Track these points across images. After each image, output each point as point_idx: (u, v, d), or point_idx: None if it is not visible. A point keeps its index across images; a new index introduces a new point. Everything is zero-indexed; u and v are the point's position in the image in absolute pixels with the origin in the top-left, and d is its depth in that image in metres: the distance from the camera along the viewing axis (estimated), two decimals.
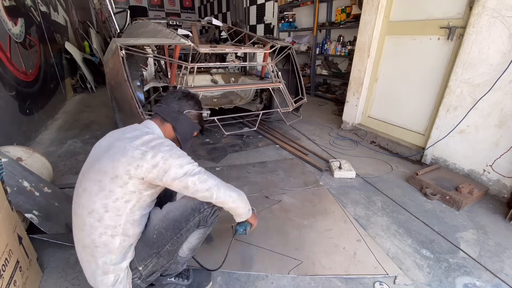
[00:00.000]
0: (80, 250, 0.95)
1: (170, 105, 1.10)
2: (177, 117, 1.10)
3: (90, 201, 0.89)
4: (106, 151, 0.93)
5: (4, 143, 2.12)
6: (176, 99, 1.12)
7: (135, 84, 2.18)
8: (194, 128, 1.17)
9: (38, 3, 3.80)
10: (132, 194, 0.91)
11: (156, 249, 1.00)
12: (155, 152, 0.89)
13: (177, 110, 1.10)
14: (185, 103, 1.12)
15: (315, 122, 3.58)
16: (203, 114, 1.19)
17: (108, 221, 0.89)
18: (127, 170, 0.87)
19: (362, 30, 2.89)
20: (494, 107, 1.93)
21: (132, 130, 1.01)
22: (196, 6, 10.54)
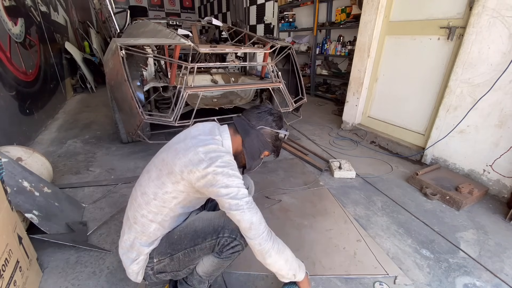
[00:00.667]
0: (125, 217, 1.03)
1: (248, 118, 1.05)
2: (248, 131, 1.03)
3: (146, 184, 0.95)
4: (178, 142, 0.96)
5: (4, 143, 2.11)
6: (256, 113, 1.05)
7: (135, 84, 2.18)
8: (264, 147, 1.06)
9: (38, 3, 3.79)
10: (181, 193, 0.93)
11: (171, 251, 0.99)
12: (209, 163, 0.87)
13: (252, 124, 1.04)
14: (263, 119, 1.04)
15: (315, 122, 3.58)
16: (279, 135, 1.06)
17: (153, 208, 0.94)
18: (181, 171, 0.88)
19: (362, 30, 2.89)
20: (494, 107, 1.93)
21: (207, 132, 0.99)
22: (196, 6, 10.53)
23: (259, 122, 1.04)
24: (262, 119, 1.04)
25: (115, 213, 1.72)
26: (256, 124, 1.04)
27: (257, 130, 1.03)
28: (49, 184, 1.67)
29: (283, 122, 1.10)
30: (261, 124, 1.04)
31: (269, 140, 1.06)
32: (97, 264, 1.35)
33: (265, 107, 1.08)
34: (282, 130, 1.07)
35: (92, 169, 2.27)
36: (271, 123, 1.05)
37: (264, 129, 1.04)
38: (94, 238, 1.52)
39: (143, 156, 2.49)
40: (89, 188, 1.99)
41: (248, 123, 1.04)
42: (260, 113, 1.05)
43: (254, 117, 1.05)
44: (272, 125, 1.05)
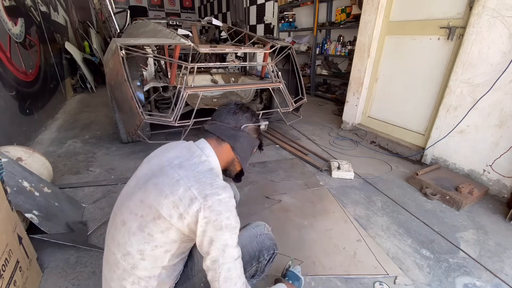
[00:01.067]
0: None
1: (225, 121, 0.96)
2: (236, 135, 0.94)
3: (127, 241, 0.75)
4: (155, 175, 0.78)
5: (4, 143, 2.11)
6: (231, 113, 0.97)
7: (135, 84, 2.18)
8: (253, 145, 1.01)
9: (38, 3, 3.79)
10: (173, 244, 0.76)
11: None
12: (204, 205, 0.71)
13: (234, 126, 0.95)
14: (241, 117, 0.97)
15: (315, 122, 3.58)
16: (261, 127, 1.02)
17: (143, 272, 0.76)
18: (169, 215, 0.72)
19: (362, 30, 2.89)
20: (494, 107, 1.93)
21: (188, 156, 0.84)
22: (196, 6, 10.53)
23: (239, 121, 0.97)
24: (241, 118, 0.97)
25: None
26: (238, 125, 0.96)
27: (242, 130, 0.96)
28: (49, 184, 1.67)
29: (257, 113, 1.06)
30: (243, 123, 0.97)
31: (255, 136, 1.01)
32: (97, 264, 1.35)
33: (235, 105, 1.01)
34: (261, 121, 1.03)
35: (92, 169, 2.28)
36: (251, 118, 1.00)
37: (248, 126, 0.98)
38: (94, 238, 1.52)
39: (143, 156, 2.46)
40: (89, 188, 1.99)
41: (230, 126, 0.95)
42: (235, 113, 0.98)
43: (232, 119, 0.96)
44: (253, 120, 1.00)
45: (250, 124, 0.98)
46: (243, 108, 1.00)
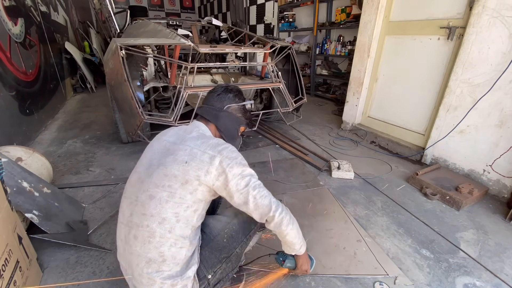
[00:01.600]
0: (140, 266, 0.85)
1: (210, 104, 1.05)
2: (217, 115, 1.04)
3: (161, 209, 0.83)
4: (167, 154, 0.89)
5: (4, 143, 2.12)
6: (216, 95, 1.06)
7: (135, 84, 2.18)
8: (238, 124, 1.10)
9: (38, 3, 3.80)
10: (200, 203, 0.88)
11: (226, 253, 0.97)
12: (222, 157, 0.86)
13: (217, 107, 1.05)
14: (224, 98, 1.06)
15: (315, 122, 3.58)
16: (246, 106, 1.11)
17: (179, 231, 0.85)
18: (197, 176, 0.84)
19: (362, 30, 2.89)
20: (494, 107, 1.93)
21: (189, 132, 0.96)
22: (196, 6, 10.54)
23: (222, 103, 1.06)
24: (224, 99, 1.06)
25: (115, 213, 1.72)
26: (221, 106, 1.05)
27: (225, 110, 1.05)
28: (48, 184, 1.67)
29: (242, 93, 1.13)
30: (225, 104, 1.06)
31: (239, 115, 1.10)
32: (97, 264, 1.35)
33: (220, 88, 1.09)
34: (247, 101, 1.12)
35: (92, 169, 2.27)
36: (234, 98, 1.08)
37: (230, 106, 1.06)
38: (94, 238, 1.52)
39: None
40: (89, 188, 1.99)
41: (213, 107, 1.05)
42: (219, 94, 1.07)
43: (216, 100, 1.06)
44: (236, 100, 1.08)
45: (233, 104, 1.07)
46: (227, 90, 1.08)
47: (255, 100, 3.29)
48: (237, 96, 1.09)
